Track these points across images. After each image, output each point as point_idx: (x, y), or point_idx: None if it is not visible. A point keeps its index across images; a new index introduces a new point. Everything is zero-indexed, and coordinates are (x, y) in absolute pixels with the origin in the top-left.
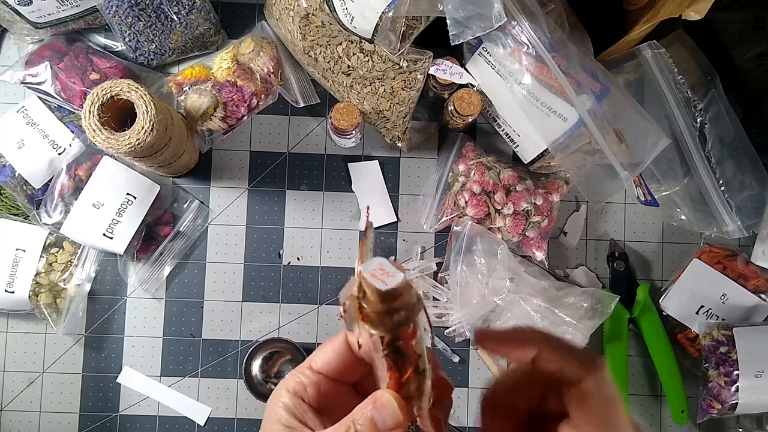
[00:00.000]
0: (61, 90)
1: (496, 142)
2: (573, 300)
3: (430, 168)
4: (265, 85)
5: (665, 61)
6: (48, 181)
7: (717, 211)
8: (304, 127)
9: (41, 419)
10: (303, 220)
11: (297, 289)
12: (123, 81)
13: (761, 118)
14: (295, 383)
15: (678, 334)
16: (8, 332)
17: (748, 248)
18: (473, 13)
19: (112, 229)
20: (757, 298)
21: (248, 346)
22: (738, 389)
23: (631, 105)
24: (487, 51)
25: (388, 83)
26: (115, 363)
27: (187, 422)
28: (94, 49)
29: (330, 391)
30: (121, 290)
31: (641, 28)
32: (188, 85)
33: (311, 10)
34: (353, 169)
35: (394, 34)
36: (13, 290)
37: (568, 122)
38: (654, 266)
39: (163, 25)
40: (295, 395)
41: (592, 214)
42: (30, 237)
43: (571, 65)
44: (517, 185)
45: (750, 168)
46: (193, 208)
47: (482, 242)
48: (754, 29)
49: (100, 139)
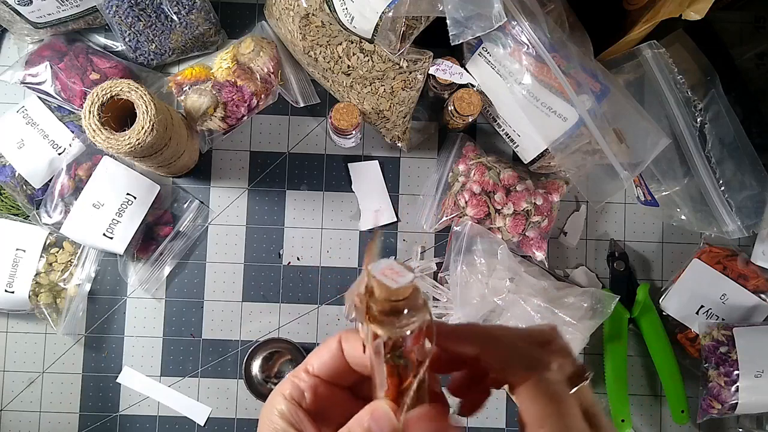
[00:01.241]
0: (61, 90)
1: (496, 142)
2: (573, 300)
3: (430, 168)
4: (265, 85)
5: (665, 61)
6: (48, 181)
7: (717, 211)
8: (304, 127)
9: (41, 419)
10: (303, 220)
11: (297, 289)
12: (123, 81)
13: (761, 118)
14: (291, 388)
15: (678, 334)
16: (8, 332)
17: (748, 248)
18: (473, 13)
19: (112, 229)
20: (757, 298)
21: (248, 346)
22: (738, 389)
23: (631, 105)
24: (487, 51)
25: (388, 83)
26: (115, 363)
27: (187, 422)
28: (94, 49)
29: (327, 394)
30: (121, 290)
31: (641, 28)
32: (188, 85)
33: (311, 10)
34: (353, 169)
35: (394, 34)
36: (13, 290)
37: (568, 122)
38: (654, 266)
39: (163, 25)
40: (292, 401)
41: (592, 214)
42: (30, 237)
43: (571, 65)
44: (517, 185)
45: (750, 168)
46: (193, 208)
47: (482, 242)
48: (754, 29)
49: (100, 139)
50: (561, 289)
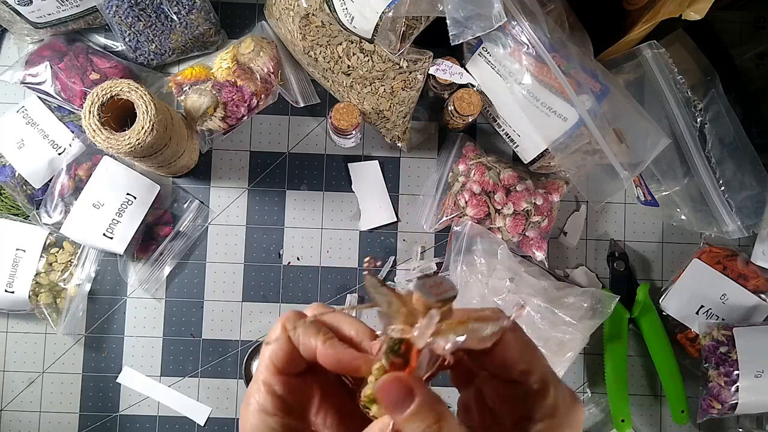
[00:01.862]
0: (61, 90)
1: (496, 142)
2: (573, 300)
3: (430, 168)
4: (265, 85)
5: (665, 61)
6: (48, 181)
7: (717, 211)
8: (304, 127)
9: (41, 419)
10: (303, 220)
11: (297, 289)
12: (123, 81)
13: (761, 118)
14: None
15: (678, 334)
16: (8, 332)
17: (748, 248)
18: (473, 13)
19: (112, 229)
20: (757, 298)
21: (248, 346)
22: (738, 389)
23: (631, 105)
24: (487, 51)
25: (388, 83)
26: (115, 363)
27: (187, 422)
28: (94, 49)
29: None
30: (121, 290)
31: (641, 28)
32: (188, 85)
33: (311, 10)
34: (353, 169)
35: (394, 34)
36: (13, 290)
37: (568, 122)
38: (654, 266)
39: (163, 25)
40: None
41: (592, 214)
42: (30, 237)
43: (571, 65)
44: (517, 185)
45: (750, 168)
46: (193, 208)
47: (482, 242)
48: (754, 29)
49: (100, 139)
50: (561, 289)
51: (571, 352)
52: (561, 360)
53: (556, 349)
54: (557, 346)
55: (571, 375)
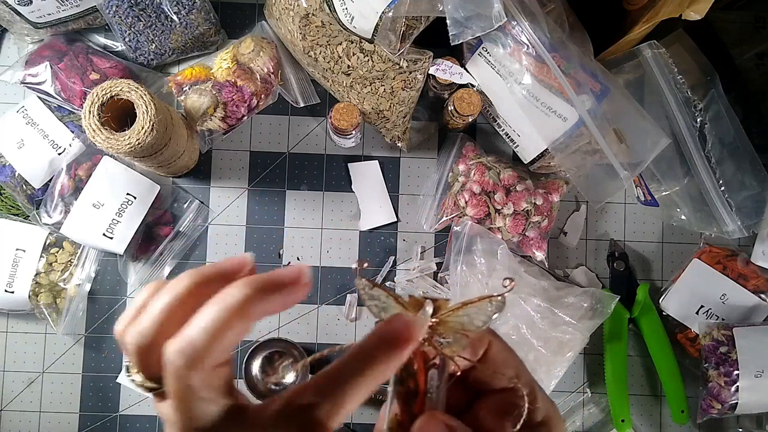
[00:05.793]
0: (61, 90)
1: (496, 142)
2: (573, 300)
3: (430, 168)
4: (265, 85)
5: (665, 61)
6: (48, 181)
7: (717, 211)
8: (304, 127)
9: (41, 419)
10: (303, 220)
11: None
12: (123, 81)
13: (761, 118)
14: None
15: (678, 334)
16: (8, 332)
17: (748, 248)
18: (473, 13)
19: (112, 229)
20: (757, 298)
21: (248, 346)
22: (738, 389)
23: (631, 105)
24: (487, 51)
25: (388, 83)
26: (115, 363)
27: None
28: (94, 49)
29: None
30: (121, 290)
31: (641, 28)
32: (188, 85)
33: (311, 10)
34: (353, 169)
35: (394, 34)
36: (13, 290)
37: (568, 122)
38: (654, 266)
39: (163, 25)
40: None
41: (592, 214)
42: (30, 237)
43: (571, 65)
44: (517, 185)
45: (750, 168)
46: (193, 208)
47: (482, 242)
48: (754, 29)
49: (100, 139)
50: (561, 289)
51: (571, 352)
52: (561, 360)
53: (556, 349)
54: (557, 346)
55: (571, 375)
